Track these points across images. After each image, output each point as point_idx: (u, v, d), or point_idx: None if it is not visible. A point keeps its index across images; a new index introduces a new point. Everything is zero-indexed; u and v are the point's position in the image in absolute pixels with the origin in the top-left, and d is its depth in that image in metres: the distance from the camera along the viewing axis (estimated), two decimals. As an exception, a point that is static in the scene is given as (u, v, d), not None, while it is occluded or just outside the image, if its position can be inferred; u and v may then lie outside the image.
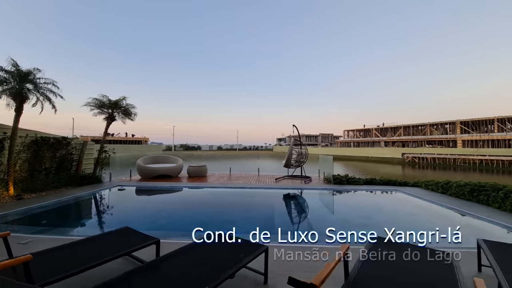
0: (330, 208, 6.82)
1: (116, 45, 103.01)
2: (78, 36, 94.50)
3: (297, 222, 5.55)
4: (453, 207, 5.69)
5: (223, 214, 6.06)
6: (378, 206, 6.83)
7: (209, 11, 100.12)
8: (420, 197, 6.83)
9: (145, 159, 11.09)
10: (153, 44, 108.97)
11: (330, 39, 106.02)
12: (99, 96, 9.39)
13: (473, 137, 39.41)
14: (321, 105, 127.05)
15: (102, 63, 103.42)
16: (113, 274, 2.03)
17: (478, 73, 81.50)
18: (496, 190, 5.87)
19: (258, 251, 2.45)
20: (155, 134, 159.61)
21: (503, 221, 4.67)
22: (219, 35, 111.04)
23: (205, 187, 9.01)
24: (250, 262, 2.33)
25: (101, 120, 9.84)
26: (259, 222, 5.48)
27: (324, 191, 8.32)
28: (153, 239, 2.81)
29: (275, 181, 9.89)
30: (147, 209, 6.75)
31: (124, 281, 1.91)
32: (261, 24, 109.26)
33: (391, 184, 8.78)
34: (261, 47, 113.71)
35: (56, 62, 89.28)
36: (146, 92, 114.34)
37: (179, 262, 2.27)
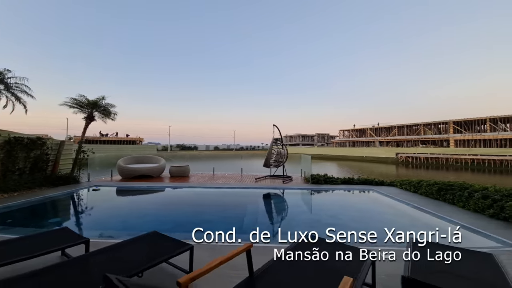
0: (301, 208, 6.85)
1: (114, 46, 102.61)
2: (75, 36, 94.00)
3: (264, 222, 5.54)
4: (418, 206, 5.72)
5: (197, 214, 6.07)
6: (347, 205, 6.87)
7: (209, 11, 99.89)
8: (391, 196, 6.86)
9: (126, 159, 11.05)
10: (153, 44, 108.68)
11: (329, 39, 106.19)
12: (77, 96, 9.35)
13: (465, 136, 39.67)
14: (318, 105, 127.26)
15: (98, 63, 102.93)
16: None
17: (473, 73, 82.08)
18: (462, 190, 5.91)
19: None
20: (153, 134, 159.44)
21: (461, 220, 4.69)
22: (218, 35, 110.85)
23: (183, 187, 9.01)
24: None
25: (81, 120, 9.84)
26: (232, 221, 5.48)
27: (300, 191, 8.34)
28: (83, 238, 2.80)
29: (255, 181, 9.91)
30: (119, 209, 6.72)
31: (48, 273, 1.95)
32: (259, 23, 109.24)
33: (368, 183, 8.82)
34: (259, 47, 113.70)
35: (52, 63, 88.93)
36: (145, 92, 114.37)
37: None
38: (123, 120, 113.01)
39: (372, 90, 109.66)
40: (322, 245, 2.40)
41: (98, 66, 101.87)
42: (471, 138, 38.69)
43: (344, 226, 4.83)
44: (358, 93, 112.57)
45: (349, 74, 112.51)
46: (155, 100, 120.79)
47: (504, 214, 4.57)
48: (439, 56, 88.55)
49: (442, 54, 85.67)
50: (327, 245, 2.44)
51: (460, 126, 42.63)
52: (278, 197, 7.77)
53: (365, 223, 5.13)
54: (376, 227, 4.75)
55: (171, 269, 2.63)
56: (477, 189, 5.64)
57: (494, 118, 38.18)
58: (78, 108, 9.45)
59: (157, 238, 2.78)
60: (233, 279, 2.23)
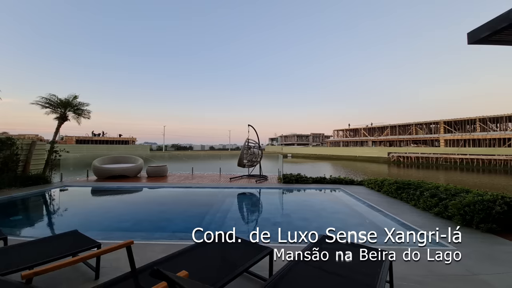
0: (258, 207, 6.93)
1: (113, 47, 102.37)
2: (73, 37, 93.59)
3: (220, 220, 5.58)
4: (372, 205, 5.80)
5: (159, 213, 6.10)
6: (306, 204, 6.95)
7: (204, 12, 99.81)
8: (353, 195, 6.94)
9: (103, 160, 11.04)
10: (154, 45, 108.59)
11: (326, 39, 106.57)
12: (47, 95, 9.32)
13: (455, 136, 40.07)
14: (314, 104, 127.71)
15: (97, 64, 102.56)
16: None
17: (469, 73, 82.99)
18: (416, 188, 6.02)
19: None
20: (151, 134, 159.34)
21: (406, 218, 4.77)
22: (215, 35, 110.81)
23: (154, 187, 9.04)
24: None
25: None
26: (191, 220, 5.53)
27: (268, 190, 8.42)
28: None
29: (229, 180, 9.96)
30: (81, 209, 6.72)
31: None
32: (256, 23, 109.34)
33: (338, 183, 8.91)
34: (257, 47, 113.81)
35: (49, 64, 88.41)
36: (144, 93, 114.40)
37: None
38: (122, 120, 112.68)
39: (369, 90, 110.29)
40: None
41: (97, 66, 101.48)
42: (460, 137, 39.09)
43: (290, 225, 4.90)
44: (354, 93, 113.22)
45: (346, 74, 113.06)
46: (155, 100, 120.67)
47: (448, 213, 4.67)
48: (437, 56, 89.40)
49: (442, 54, 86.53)
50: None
51: (451, 126, 43.04)
52: (243, 196, 7.82)
53: (314, 222, 5.19)
54: (321, 226, 4.85)
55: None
56: (429, 187, 5.74)
57: (484, 118, 38.61)
58: (50, 108, 9.41)
59: (75, 237, 2.81)
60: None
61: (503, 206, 4.07)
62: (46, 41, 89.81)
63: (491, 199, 4.22)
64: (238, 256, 2.38)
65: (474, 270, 2.73)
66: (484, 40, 3.89)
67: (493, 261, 2.97)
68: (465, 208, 4.31)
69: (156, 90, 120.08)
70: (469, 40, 4.04)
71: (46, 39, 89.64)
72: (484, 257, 3.08)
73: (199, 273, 1.97)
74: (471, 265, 2.86)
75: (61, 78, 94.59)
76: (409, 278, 2.57)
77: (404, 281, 2.51)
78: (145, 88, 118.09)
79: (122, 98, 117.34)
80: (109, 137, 52.54)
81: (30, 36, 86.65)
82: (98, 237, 3.10)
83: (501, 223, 3.99)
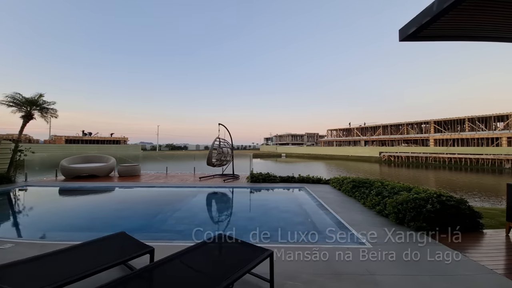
0: (213, 206, 6.88)
1: (112, 47, 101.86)
2: (68, 36, 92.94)
3: (172, 220, 5.48)
4: (322, 204, 5.74)
5: (114, 211, 6.02)
6: (259, 204, 6.94)
7: (199, 12, 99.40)
8: (311, 194, 6.87)
9: (73, 159, 10.89)
10: (154, 44, 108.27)
11: (323, 38, 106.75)
12: (12, 93, 9.16)
13: (444, 136, 40.36)
14: (309, 104, 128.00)
15: (93, 64, 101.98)
16: None
17: (468, 73, 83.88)
18: (368, 187, 5.99)
19: None
20: (148, 134, 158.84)
21: (346, 218, 4.67)
22: (212, 33, 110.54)
23: (120, 187, 8.94)
24: None
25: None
26: (143, 220, 5.43)
27: (232, 190, 8.37)
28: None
29: (199, 179, 9.88)
30: (36, 209, 6.60)
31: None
32: (253, 22, 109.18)
33: (305, 182, 8.86)
34: (253, 46, 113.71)
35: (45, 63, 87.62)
36: (145, 93, 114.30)
37: None
38: (119, 120, 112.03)
39: (365, 90, 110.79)
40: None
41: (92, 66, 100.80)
42: (449, 137, 39.38)
43: (231, 224, 4.84)
44: (355, 92, 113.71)
45: (342, 74, 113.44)
46: (153, 100, 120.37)
47: (386, 211, 4.63)
48: (436, 55, 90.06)
49: (442, 54, 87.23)
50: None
51: (441, 126, 43.34)
52: (200, 196, 7.71)
53: (257, 221, 5.13)
54: (262, 225, 4.79)
55: None
56: (377, 186, 5.71)
57: (472, 118, 38.93)
58: (15, 106, 9.25)
59: None
60: None
61: (436, 204, 4.04)
62: (45, 40, 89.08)
63: (425, 198, 4.19)
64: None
65: (374, 270, 2.68)
66: (413, 37, 3.81)
67: (400, 261, 2.92)
68: (399, 206, 4.28)
69: (154, 90, 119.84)
70: (400, 37, 3.97)
71: (45, 38, 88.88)
72: (394, 256, 3.02)
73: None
74: (374, 265, 2.81)
75: (57, 78, 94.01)
76: (300, 276, 2.51)
77: (292, 280, 2.44)
78: (145, 87, 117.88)
79: (121, 98, 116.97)
80: (100, 136, 52.07)
81: (29, 35, 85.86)
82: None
83: (431, 221, 3.96)
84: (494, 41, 3.77)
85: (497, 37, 3.67)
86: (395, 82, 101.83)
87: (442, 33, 3.65)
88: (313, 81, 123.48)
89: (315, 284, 2.40)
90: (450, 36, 3.72)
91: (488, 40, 3.76)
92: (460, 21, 3.39)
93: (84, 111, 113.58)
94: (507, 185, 3.86)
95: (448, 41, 3.86)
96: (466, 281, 2.45)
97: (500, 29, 3.45)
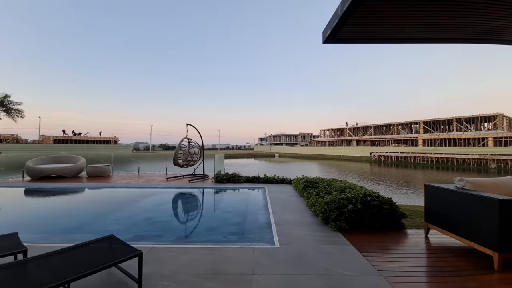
0: (160, 207, 6.83)
1: (110, 47, 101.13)
2: (64, 36, 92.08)
3: (113, 221, 5.46)
4: (267, 204, 5.75)
5: (65, 211, 5.98)
6: (209, 204, 6.95)
7: (196, 10, 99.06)
8: (266, 194, 6.88)
9: (41, 159, 10.81)
10: (154, 43, 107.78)
11: (318, 37, 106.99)
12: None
13: (432, 136, 40.77)
14: (304, 104, 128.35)
15: (93, 63, 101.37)
16: None
17: (469, 73, 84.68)
18: (313, 187, 6.03)
19: None
20: (145, 134, 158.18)
21: (278, 218, 4.64)
22: (209, 30, 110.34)
23: (82, 188, 8.87)
24: None
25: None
26: (90, 220, 5.38)
27: (192, 190, 8.37)
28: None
29: (166, 180, 9.86)
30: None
31: None
32: (249, 20, 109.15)
33: (269, 182, 8.89)
34: (250, 45, 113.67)
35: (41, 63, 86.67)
36: (144, 93, 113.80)
37: None
38: (118, 120, 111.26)
39: (364, 90, 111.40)
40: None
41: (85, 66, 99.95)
42: (437, 137, 39.79)
43: (166, 225, 4.82)
44: (354, 92, 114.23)
45: (339, 73, 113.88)
46: (151, 100, 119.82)
47: (317, 211, 4.66)
48: (435, 54, 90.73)
49: (442, 55, 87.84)
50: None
51: (429, 126, 43.76)
52: (156, 196, 7.67)
53: (195, 221, 5.14)
54: (191, 225, 4.79)
55: None
56: (323, 186, 5.75)
57: (460, 118, 39.37)
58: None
59: None
60: None
61: (358, 205, 4.08)
62: (48, 40, 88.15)
63: (350, 198, 4.23)
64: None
65: (261, 271, 2.69)
66: (332, 39, 3.84)
67: (293, 262, 2.93)
68: (325, 207, 4.32)
69: (151, 90, 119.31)
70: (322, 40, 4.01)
71: (48, 38, 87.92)
72: (293, 257, 3.05)
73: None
74: (265, 265, 2.82)
75: (39, 78, 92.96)
76: (176, 277, 2.52)
77: (168, 280, 2.46)
78: (143, 87, 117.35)
79: (119, 98, 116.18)
80: (89, 136, 51.63)
81: (31, 35, 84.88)
82: None
83: (352, 221, 4.00)
84: (405, 42, 3.82)
85: (407, 38, 3.72)
86: (395, 82, 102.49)
87: (355, 35, 3.69)
88: (311, 81, 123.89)
89: (187, 284, 2.41)
90: (363, 39, 3.77)
91: (400, 42, 3.82)
92: (367, 24, 3.43)
93: (85, 111, 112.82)
94: (424, 186, 3.91)
95: (364, 43, 3.91)
96: (342, 282, 2.47)
97: (405, 30, 3.50)
